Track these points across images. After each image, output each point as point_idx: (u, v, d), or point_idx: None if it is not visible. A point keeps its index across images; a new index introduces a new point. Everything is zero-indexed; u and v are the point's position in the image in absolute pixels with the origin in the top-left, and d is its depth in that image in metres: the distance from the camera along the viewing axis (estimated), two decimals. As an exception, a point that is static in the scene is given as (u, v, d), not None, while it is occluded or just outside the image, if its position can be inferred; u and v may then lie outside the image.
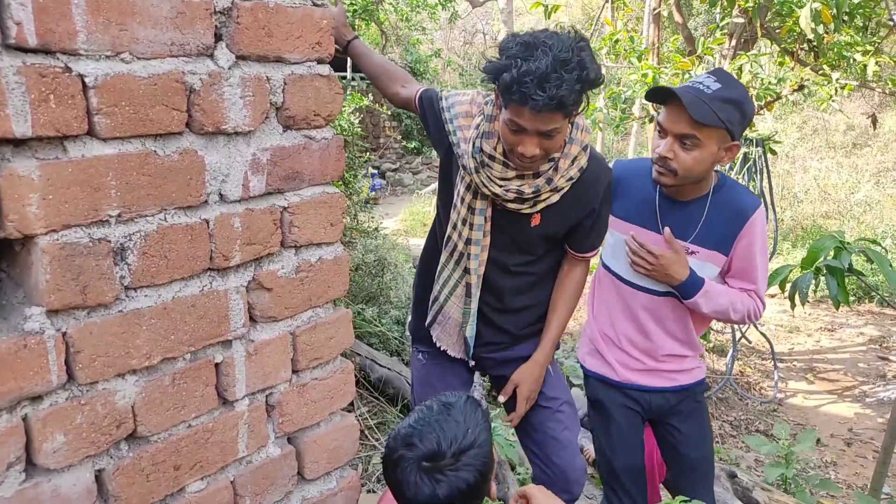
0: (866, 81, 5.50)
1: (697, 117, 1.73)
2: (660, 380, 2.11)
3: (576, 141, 1.83)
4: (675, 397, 2.13)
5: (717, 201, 1.93)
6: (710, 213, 1.93)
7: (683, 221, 1.95)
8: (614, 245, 2.07)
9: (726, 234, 1.92)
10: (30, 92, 0.86)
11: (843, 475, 4.35)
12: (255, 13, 1.08)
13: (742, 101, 1.80)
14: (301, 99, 1.18)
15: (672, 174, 1.84)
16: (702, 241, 1.94)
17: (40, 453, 0.94)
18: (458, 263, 1.94)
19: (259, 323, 1.20)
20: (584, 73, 1.60)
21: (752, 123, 1.93)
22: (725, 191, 1.95)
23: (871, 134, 12.95)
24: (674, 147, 1.81)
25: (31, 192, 0.88)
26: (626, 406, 2.15)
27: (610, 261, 2.10)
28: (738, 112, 1.78)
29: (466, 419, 1.35)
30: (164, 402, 1.08)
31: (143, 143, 0.99)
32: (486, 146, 1.80)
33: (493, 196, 1.82)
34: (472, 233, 1.88)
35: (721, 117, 1.74)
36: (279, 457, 1.27)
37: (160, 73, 0.98)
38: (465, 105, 1.90)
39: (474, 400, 1.43)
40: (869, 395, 5.59)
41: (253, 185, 1.13)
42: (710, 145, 1.79)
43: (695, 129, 1.76)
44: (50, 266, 0.91)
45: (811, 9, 4.03)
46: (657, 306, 2.03)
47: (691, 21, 10.97)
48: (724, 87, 1.78)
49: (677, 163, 1.81)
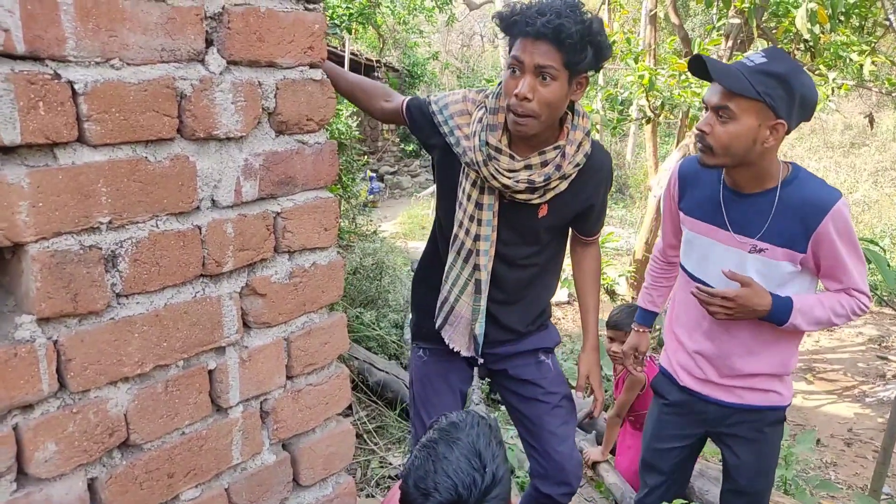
0: (863, 81, 5.50)
1: (728, 85, 1.66)
2: (723, 392, 1.99)
3: (579, 127, 1.85)
4: (737, 416, 2.00)
5: (787, 195, 1.79)
6: (780, 207, 1.78)
7: (749, 216, 1.83)
8: (685, 242, 2.01)
9: (800, 230, 1.77)
10: (18, 99, 0.85)
11: (843, 476, 4.34)
12: (247, 18, 1.07)
13: (787, 76, 1.68)
14: (293, 104, 1.17)
15: (709, 150, 1.76)
16: (771, 238, 1.80)
17: (32, 463, 0.93)
18: (468, 261, 1.94)
19: (253, 329, 1.19)
20: (588, 23, 1.63)
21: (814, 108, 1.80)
22: (798, 183, 1.80)
23: (868, 133, 12.96)
24: (710, 120, 1.73)
25: (20, 200, 0.87)
26: (678, 411, 2.10)
27: (682, 258, 2.05)
28: (780, 87, 1.67)
29: (482, 452, 1.23)
30: (157, 409, 1.07)
31: (133, 150, 0.99)
32: (492, 139, 1.80)
33: (503, 188, 1.81)
34: (480, 228, 1.88)
35: (758, 89, 1.65)
36: (274, 463, 1.27)
37: (151, 80, 0.98)
38: (459, 104, 1.90)
39: (483, 420, 1.32)
40: (868, 394, 5.58)
41: (245, 191, 1.13)
42: (747, 119, 1.69)
43: (727, 99, 1.69)
44: (40, 274, 0.91)
45: (807, 9, 4.04)
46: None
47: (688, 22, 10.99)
48: (769, 61, 1.69)
49: (713, 138, 1.73)
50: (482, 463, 1.22)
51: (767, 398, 1.95)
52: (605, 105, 6.25)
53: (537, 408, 2.09)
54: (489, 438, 1.26)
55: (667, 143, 11.76)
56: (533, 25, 1.62)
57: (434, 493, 1.19)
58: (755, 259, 1.83)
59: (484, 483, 1.20)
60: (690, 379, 2.05)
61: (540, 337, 2.12)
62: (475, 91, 1.93)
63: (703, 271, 1.95)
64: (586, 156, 1.85)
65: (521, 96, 1.69)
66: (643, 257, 7.52)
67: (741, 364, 1.93)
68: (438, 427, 1.31)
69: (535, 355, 2.12)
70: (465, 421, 1.30)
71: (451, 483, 1.19)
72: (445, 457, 1.22)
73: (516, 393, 2.12)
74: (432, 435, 1.30)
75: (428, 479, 1.21)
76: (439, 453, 1.23)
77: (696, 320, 2.00)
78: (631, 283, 7.72)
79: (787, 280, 1.84)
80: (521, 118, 1.72)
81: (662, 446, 2.17)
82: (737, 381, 1.96)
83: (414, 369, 2.21)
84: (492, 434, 1.28)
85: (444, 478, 1.20)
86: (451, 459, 1.21)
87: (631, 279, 7.73)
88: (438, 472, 1.20)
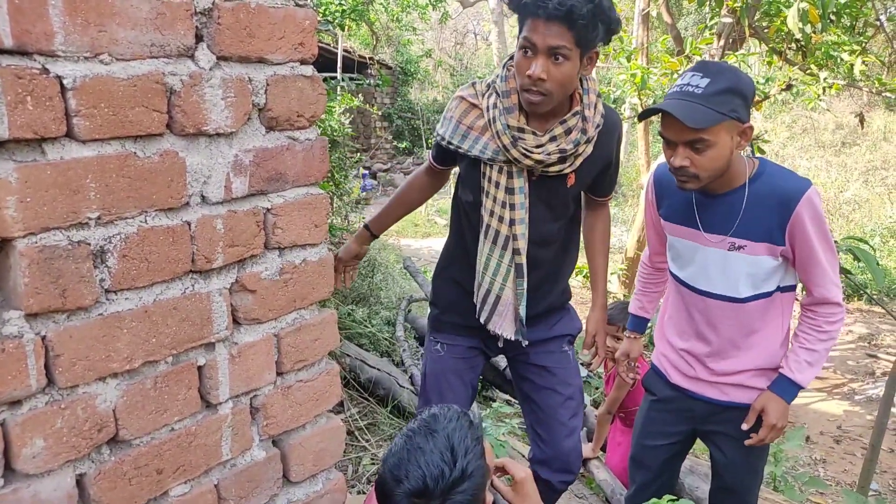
0: (854, 81, 5.53)
1: (696, 125, 1.67)
2: (709, 389, 2.01)
3: (590, 90, 1.90)
4: (725, 414, 2.00)
5: (756, 190, 1.82)
6: (750, 203, 1.82)
7: (721, 214, 1.86)
8: (669, 247, 2.05)
9: (773, 223, 1.79)
10: (6, 94, 0.85)
11: (831, 472, 4.37)
12: (237, 14, 1.07)
13: (735, 86, 1.71)
14: (284, 100, 1.17)
15: (695, 179, 1.77)
16: (746, 234, 1.83)
17: (19, 458, 0.93)
18: (506, 248, 1.95)
19: (242, 325, 1.19)
20: (597, 0, 1.66)
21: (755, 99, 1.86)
22: (766, 178, 1.83)
23: (859, 133, 13.03)
24: (687, 154, 1.74)
25: (8, 195, 0.87)
26: (667, 408, 2.12)
27: (669, 263, 2.08)
28: (736, 97, 1.70)
29: (455, 447, 1.26)
30: (145, 405, 1.07)
31: (122, 145, 0.98)
32: (512, 121, 1.83)
33: (535, 164, 1.85)
34: (514, 213, 1.90)
35: (723, 111, 1.68)
36: (264, 460, 1.27)
37: (140, 75, 0.98)
38: (459, 107, 1.92)
39: (464, 416, 1.36)
40: (858, 392, 5.62)
41: (235, 187, 1.13)
42: (723, 138, 1.72)
43: (700, 132, 1.70)
44: (28, 269, 0.90)
45: (799, 9, 4.06)
46: (707, 307, 1.95)
47: (680, 21, 11.01)
48: (713, 80, 1.70)
49: (696, 168, 1.75)
50: (454, 457, 1.25)
51: (753, 395, 1.96)
52: (598, 103, 6.26)
53: (551, 398, 2.12)
54: (466, 434, 1.29)
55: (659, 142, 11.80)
56: (545, 7, 1.64)
57: (404, 481, 1.23)
58: (738, 258, 1.85)
59: (452, 477, 1.23)
60: (680, 376, 2.07)
61: (565, 323, 2.16)
62: (467, 86, 1.96)
63: (688, 275, 1.98)
64: (602, 116, 1.91)
65: (536, 77, 1.71)
66: (635, 255, 7.54)
67: (730, 361, 1.96)
68: (421, 417, 1.34)
69: (560, 344, 2.14)
70: (445, 415, 1.33)
71: (421, 473, 1.23)
72: (420, 447, 1.26)
73: (533, 381, 2.14)
74: (413, 424, 1.33)
75: (401, 467, 1.25)
76: (416, 443, 1.27)
77: (686, 320, 2.03)
78: (623, 281, 7.74)
79: (771, 275, 1.87)
80: (536, 97, 1.76)
81: (651, 443, 2.19)
82: (725, 378, 1.98)
83: (429, 362, 2.20)
84: (470, 430, 1.31)
85: (415, 467, 1.24)
86: (425, 450, 1.25)
87: (623, 277, 7.75)
88: (411, 462, 1.24)
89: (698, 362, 2.01)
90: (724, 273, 1.88)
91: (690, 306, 2.00)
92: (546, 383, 2.12)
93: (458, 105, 1.93)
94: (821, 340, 1.87)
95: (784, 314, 1.95)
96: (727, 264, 1.87)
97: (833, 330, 1.87)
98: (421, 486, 1.22)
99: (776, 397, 1.88)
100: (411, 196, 2.22)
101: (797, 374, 1.87)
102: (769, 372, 1.96)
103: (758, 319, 1.91)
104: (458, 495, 1.23)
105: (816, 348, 1.87)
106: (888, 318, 7.03)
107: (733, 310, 1.91)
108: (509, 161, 1.86)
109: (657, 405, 2.17)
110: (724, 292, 1.90)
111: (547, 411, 2.13)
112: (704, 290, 1.94)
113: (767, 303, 1.90)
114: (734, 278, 1.87)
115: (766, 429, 1.88)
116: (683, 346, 2.04)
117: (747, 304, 1.89)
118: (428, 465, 1.23)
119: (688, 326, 2.02)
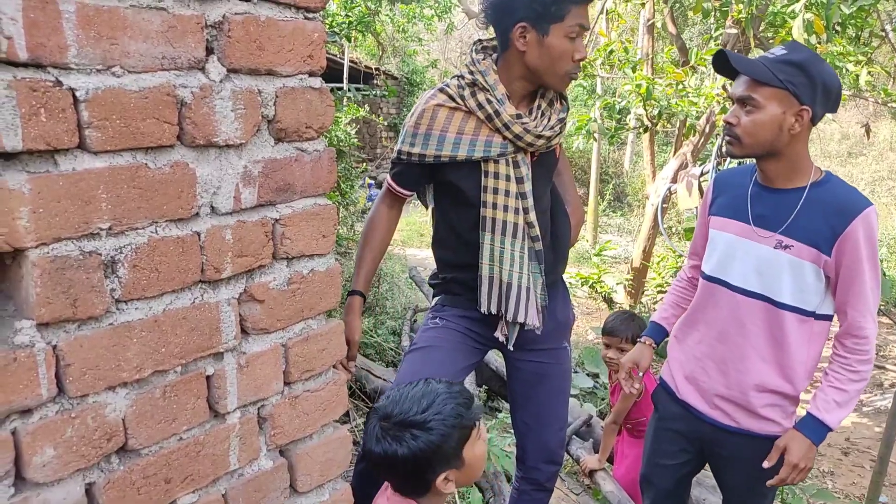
0: (859, 91, 5.53)
1: (751, 75, 1.71)
2: (718, 412, 1.96)
3: None
4: (732, 440, 1.95)
5: (816, 193, 1.79)
6: (807, 203, 1.79)
7: (774, 209, 1.83)
8: (709, 244, 2.00)
9: (826, 230, 1.75)
10: (20, 106, 0.86)
11: (840, 485, 4.34)
12: (247, 27, 1.09)
13: (806, 63, 1.72)
14: (293, 112, 1.18)
15: (736, 141, 1.79)
16: (794, 234, 1.79)
17: (30, 467, 0.93)
18: (519, 237, 1.93)
19: (251, 335, 1.20)
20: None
21: (841, 97, 1.85)
22: (830, 186, 1.80)
23: (865, 143, 13.01)
24: (736, 112, 1.79)
25: (21, 206, 0.88)
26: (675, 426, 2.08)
27: (704, 263, 2.02)
28: (801, 74, 1.71)
29: (434, 403, 1.48)
30: (154, 414, 1.07)
31: (134, 156, 0.99)
32: (511, 110, 1.86)
33: (546, 142, 1.90)
34: (525, 202, 1.91)
35: (780, 77, 1.70)
36: (271, 469, 1.27)
37: (151, 87, 0.99)
38: (438, 120, 1.88)
39: (466, 393, 1.54)
40: (866, 403, 5.59)
41: (244, 198, 1.13)
42: (772, 107, 1.73)
43: (751, 89, 1.74)
44: (40, 279, 0.91)
45: (804, 19, 4.06)
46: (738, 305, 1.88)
47: (685, 32, 11.03)
48: (789, 52, 1.75)
49: (740, 128, 1.78)
50: (426, 407, 1.47)
51: (764, 426, 1.91)
52: (604, 114, 6.27)
53: (547, 391, 2.13)
54: (450, 403, 1.49)
55: (664, 152, 11.79)
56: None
57: (382, 404, 1.53)
58: (783, 258, 1.80)
59: (413, 419, 1.46)
60: (690, 388, 2.02)
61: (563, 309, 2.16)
62: (434, 94, 1.92)
63: (724, 271, 1.92)
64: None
65: (584, 58, 1.88)
66: (640, 265, 7.53)
67: (750, 369, 1.89)
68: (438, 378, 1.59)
69: (560, 341, 2.15)
70: (453, 385, 1.55)
71: (395, 402, 1.50)
72: (412, 391, 1.51)
73: (528, 378, 2.13)
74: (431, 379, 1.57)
75: (390, 397, 1.53)
76: (414, 387, 1.53)
77: (711, 319, 1.96)
78: (629, 292, 7.73)
79: (813, 289, 1.81)
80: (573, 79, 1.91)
81: (661, 462, 2.16)
82: (739, 395, 1.91)
83: (421, 332, 2.12)
84: (458, 406, 1.50)
85: (395, 398, 1.51)
86: (411, 393, 1.51)
87: (628, 287, 7.74)
88: (398, 394, 1.52)
89: (715, 367, 1.94)
90: (766, 271, 1.83)
91: (718, 305, 1.93)
92: (544, 372, 2.12)
93: (436, 115, 1.87)
94: (852, 381, 1.81)
95: (815, 342, 1.88)
96: (771, 262, 1.82)
97: (864, 371, 1.82)
98: (387, 411, 1.50)
99: (801, 436, 1.82)
100: (380, 236, 2.06)
101: (825, 413, 1.81)
102: (785, 403, 1.90)
103: (789, 335, 1.84)
104: (411, 438, 1.45)
105: (847, 388, 1.81)
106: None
107: (767, 311, 1.85)
108: (517, 150, 1.88)
109: (665, 423, 2.13)
110: (762, 291, 1.85)
111: (547, 405, 2.14)
112: (739, 286, 1.88)
113: (802, 322, 1.84)
114: (776, 278, 1.82)
115: (788, 468, 1.81)
116: (702, 349, 1.98)
117: (784, 313, 1.83)
118: (404, 400, 1.50)
119: (712, 326, 1.96)
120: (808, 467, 1.84)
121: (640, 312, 7.06)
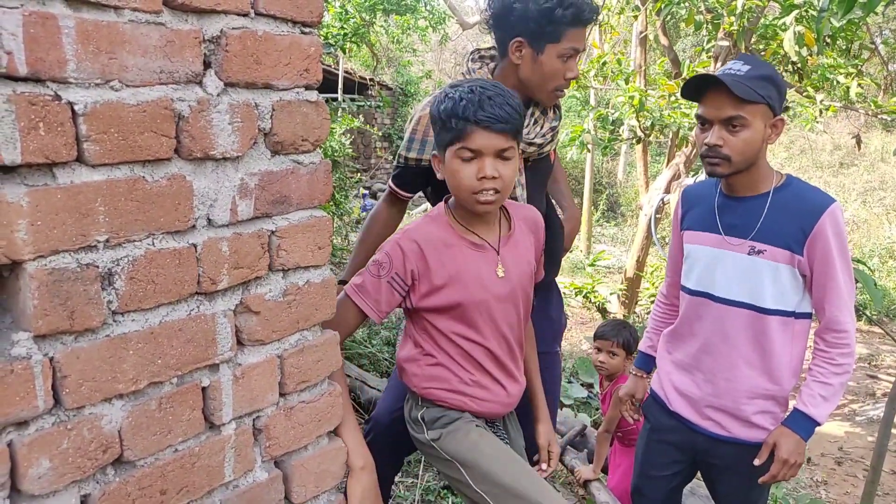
0: (850, 103, 5.58)
1: (741, 94, 1.73)
2: (710, 423, 1.97)
3: None
4: (724, 449, 1.96)
5: (781, 197, 1.85)
6: (773, 207, 1.84)
7: (742, 217, 1.87)
8: (685, 260, 2.03)
9: (796, 231, 1.80)
10: (19, 119, 0.87)
11: (833, 494, 4.35)
12: (244, 41, 1.10)
13: (773, 76, 1.80)
14: (289, 125, 1.19)
15: (725, 161, 1.80)
16: (765, 238, 1.83)
17: (25, 479, 0.94)
18: None
19: (246, 346, 1.20)
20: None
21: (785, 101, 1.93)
22: (792, 189, 1.86)
23: (856, 154, 13.11)
24: (721, 133, 1.79)
25: (19, 219, 0.89)
26: (667, 438, 2.09)
27: (683, 278, 2.04)
28: (773, 88, 1.78)
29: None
30: (150, 426, 1.08)
31: (131, 170, 1.00)
32: None
33: (539, 149, 1.95)
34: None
35: (761, 94, 1.74)
36: (266, 481, 1.27)
37: (149, 101, 1.00)
38: (424, 122, 1.89)
39: None
40: (859, 413, 5.61)
41: (241, 210, 1.14)
42: (757, 123, 1.77)
43: (739, 108, 1.76)
44: (38, 291, 0.92)
45: (794, 32, 4.11)
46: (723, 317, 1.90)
47: (677, 44, 11.11)
48: (754, 67, 1.79)
49: (729, 148, 1.79)
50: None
51: (756, 434, 1.93)
52: (597, 125, 6.31)
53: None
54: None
55: (658, 163, 11.85)
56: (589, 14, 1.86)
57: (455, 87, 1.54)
58: (759, 264, 1.83)
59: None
60: (682, 401, 2.03)
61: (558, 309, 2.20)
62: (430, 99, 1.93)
63: (707, 283, 1.94)
64: None
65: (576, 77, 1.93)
66: (634, 275, 7.55)
67: (739, 378, 1.91)
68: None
69: (552, 344, 2.17)
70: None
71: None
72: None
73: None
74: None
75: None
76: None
77: (696, 333, 1.98)
78: (622, 301, 7.74)
79: (792, 289, 1.85)
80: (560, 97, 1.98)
81: (653, 473, 2.15)
82: (729, 403, 1.93)
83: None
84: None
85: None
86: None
87: (622, 297, 7.75)
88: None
89: (705, 379, 1.96)
90: (746, 280, 1.86)
91: (704, 318, 1.95)
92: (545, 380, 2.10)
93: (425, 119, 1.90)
94: (835, 374, 1.84)
95: (797, 341, 1.91)
96: (749, 270, 1.85)
97: (847, 363, 1.84)
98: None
99: (789, 432, 1.84)
100: (378, 230, 2.08)
101: (812, 408, 1.83)
102: (776, 410, 1.92)
103: (773, 339, 1.87)
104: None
105: (831, 382, 1.84)
106: (888, 339, 7.02)
107: (752, 319, 1.87)
108: None
109: (657, 435, 2.13)
110: (745, 299, 1.87)
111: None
112: (723, 297, 1.90)
113: (785, 324, 1.87)
114: (757, 285, 1.85)
115: (778, 464, 1.83)
116: (690, 361, 2.00)
117: (768, 318, 1.86)
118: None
119: (698, 338, 1.98)
120: (799, 463, 1.85)
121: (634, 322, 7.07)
